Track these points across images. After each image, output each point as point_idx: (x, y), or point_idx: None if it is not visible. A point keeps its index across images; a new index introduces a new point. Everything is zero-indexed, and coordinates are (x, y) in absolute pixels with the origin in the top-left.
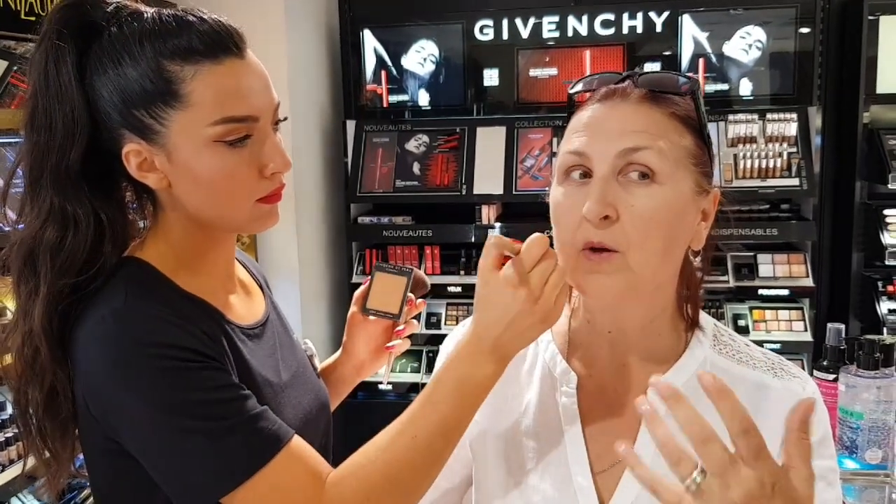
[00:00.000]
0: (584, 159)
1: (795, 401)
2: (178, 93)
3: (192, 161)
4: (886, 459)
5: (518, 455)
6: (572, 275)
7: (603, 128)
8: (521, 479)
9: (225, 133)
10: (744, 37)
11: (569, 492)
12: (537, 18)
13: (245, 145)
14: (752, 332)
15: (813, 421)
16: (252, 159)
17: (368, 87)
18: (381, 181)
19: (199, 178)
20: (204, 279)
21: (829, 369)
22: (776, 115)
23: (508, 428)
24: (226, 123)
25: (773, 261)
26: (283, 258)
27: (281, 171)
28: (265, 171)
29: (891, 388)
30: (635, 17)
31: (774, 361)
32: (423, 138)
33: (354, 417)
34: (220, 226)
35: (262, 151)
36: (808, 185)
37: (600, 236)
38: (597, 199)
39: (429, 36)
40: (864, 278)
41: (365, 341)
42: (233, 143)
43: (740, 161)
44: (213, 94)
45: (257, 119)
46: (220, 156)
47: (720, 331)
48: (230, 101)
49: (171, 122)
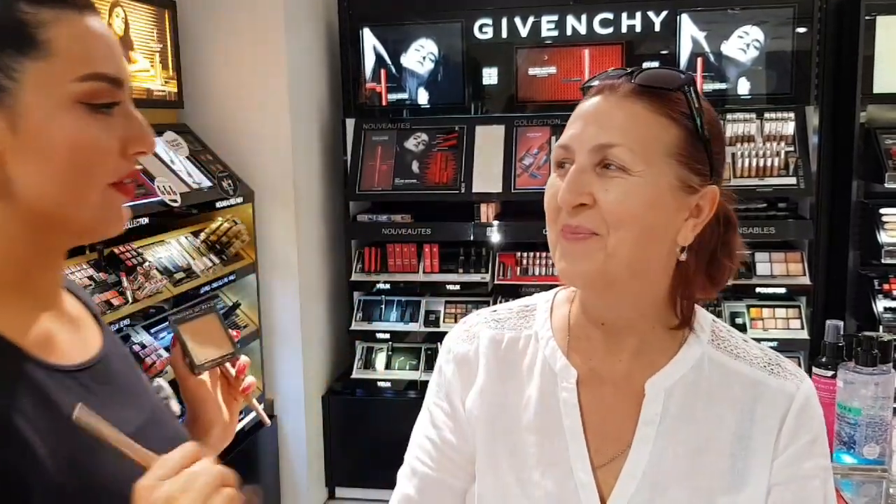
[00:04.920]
0: (568, 152)
1: (789, 401)
2: (36, 38)
3: (45, 126)
4: (884, 454)
5: (520, 450)
6: (557, 261)
7: (584, 122)
8: (523, 475)
9: (92, 93)
10: (741, 36)
11: (570, 487)
12: (536, 17)
13: (111, 113)
14: (749, 329)
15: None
16: (116, 131)
17: (368, 86)
18: (381, 179)
19: (52, 148)
20: (14, 308)
21: (827, 366)
22: (774, 115)
23: (510, 423)
24: (95, 81)
25: (771, 259)
26: (283, 256)
27: (146, 152)
28: (129, 148)
29: (888, 384)
30: (634, 17)
31: (772, 358)
32: (422, 136)
33: (354, 414)
34: (59, 221)
35: (128, 125)
36: (806, 184)
37: (578, 220)
38: (568, 189)
39: (428, 34)
40: (861, 276)
41: (215, 403)
42: (97, 108)
43: (738, 160)
44: (81, 46)
45: (122, 84)
46: (82, 121)
47: (718, 326)
48: (100, 56)
49: (23, 74)
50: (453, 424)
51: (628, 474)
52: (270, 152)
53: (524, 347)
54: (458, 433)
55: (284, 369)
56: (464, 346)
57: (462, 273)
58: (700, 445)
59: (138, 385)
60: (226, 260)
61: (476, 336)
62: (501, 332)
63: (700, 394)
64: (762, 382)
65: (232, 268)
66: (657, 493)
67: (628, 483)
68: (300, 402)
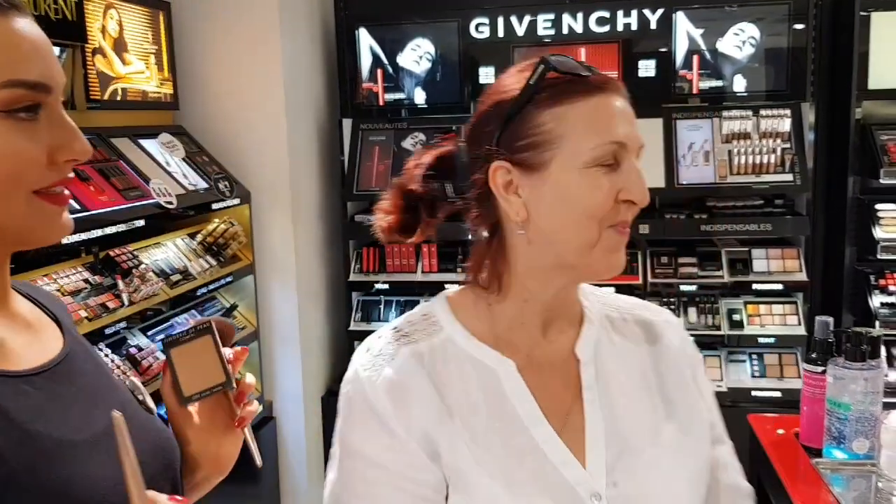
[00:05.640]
0: (622, 148)
1: (672, 329)
2: None
3: None
4: (873, 449)
5: (490, 456)
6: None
7: (626, 121)
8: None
9: (8, 100)
10: (737, 33)
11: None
12: (532, 16)
13: (35, 119)
14: (746, 326)
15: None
16: (42, 138)
17: (364, 86)
18: (378, 179)
19: None
20: None
21: (817, 362)
22: (769, 112)
23: (469, 434)
24: (11, 88)
25: (768, 256)
26: (280, 257)
27: (79, 159)
28: (57, 156)
29: (877, 379)
30: (630, 15)
31: (638, 301)
32: (419, 136)
33: None
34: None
35: (55, 132)
36: (802, 180)
37: (629, 215)
38: (644, 187)
39: (424, 34)
40: (857, 272)
41: (204, 436)
42: (15, 114)
43: (734, 157)
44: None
45: (50, 90)
46: (1, 129)
47: (590, 286)
48: (19, 61)
49: None
50: (411, 459)
51: (593, 439)
52: (267, 153)
53: (445, 352)
54: (422, 467)
55: (283, 370)
56: (384, 371)
57: (461, 273)
58: (633, 390)
59: (107, 386)
60: (223, 261)
61: (392, 356)
62: (417, 343)
63: (613, 345)
64: (646, 320)
65: (229, 269)
66: (621, 443)
67: (598, 446)
68: (299, 404)
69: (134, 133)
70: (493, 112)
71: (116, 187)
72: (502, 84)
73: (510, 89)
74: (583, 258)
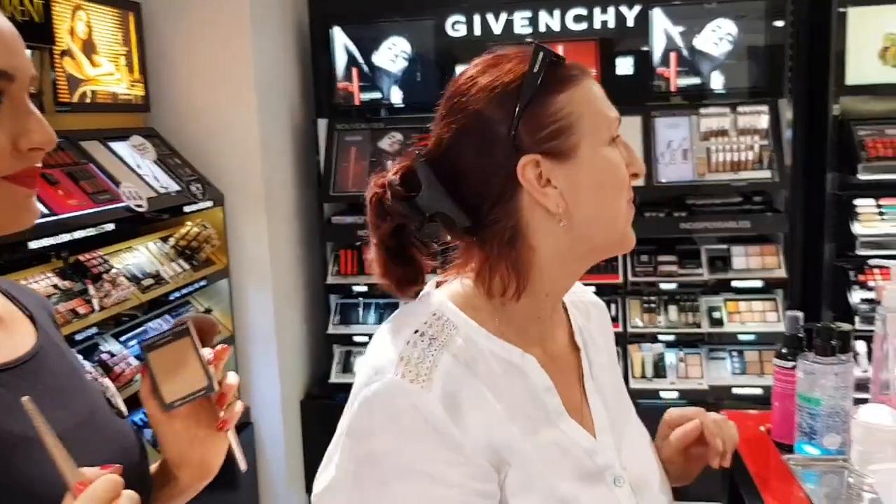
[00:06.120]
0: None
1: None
2: None
3: None
4: (844, 444)
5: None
6: (627, 230)
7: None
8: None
9: None
10: (715, 30)
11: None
12: (509, 14)
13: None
14: (727, 323)
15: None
16: (5, 126)
17: (340, 85)
18: (355, 180)
19: None
20: None
21: (787, 357)
22: (747, 108)
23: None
24: None
25: (747, 253)
26: (255, 260)
27: (43, 148)
28: (21, 144)
29: (847, 373)
30: (606, 12)
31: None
32: (396, 136)
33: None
34: None
35: (19, 119)
36: (780, 177)
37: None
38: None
39: (400, 32)
40: (836, 268)
41: (187, 441)
42: None
43: (713, 155)
44: None
45: (13, 78)
46: None
47: None
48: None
49: None
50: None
51: (601, 427)
52: (240, 155)
53: (473, 353)
54: (487, 478)
55: (260, 375)
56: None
57: (440, 273)
58: (608, 372)
59: (77, 385)
60: (196, 265)
61: (434, 363)
62: (448, 346)
63: (591, 330)
64: (587, 301)
65: (203, 273)
66: (618, 430)
67: (605, 433)
68: (277, 408)
69: (104, 136)
70: (493, 111)
71: (86, 191)
72: (488, 82)
73: (505, 83)
74: (619, 234)
